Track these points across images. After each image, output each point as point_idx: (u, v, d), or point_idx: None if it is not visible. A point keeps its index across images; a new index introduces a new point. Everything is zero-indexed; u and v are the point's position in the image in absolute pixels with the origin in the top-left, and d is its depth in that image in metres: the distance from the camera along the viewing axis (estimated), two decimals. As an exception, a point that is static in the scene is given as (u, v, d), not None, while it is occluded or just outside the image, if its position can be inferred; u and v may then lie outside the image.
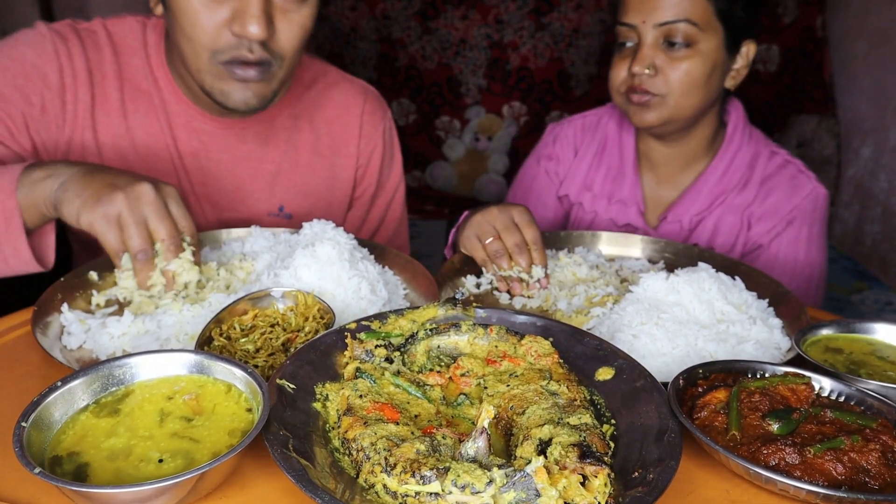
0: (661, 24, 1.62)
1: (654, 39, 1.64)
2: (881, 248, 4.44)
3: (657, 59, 1.65)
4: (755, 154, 1.84)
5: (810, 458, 0.86)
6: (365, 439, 0.81)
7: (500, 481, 0.74)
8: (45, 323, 1.16)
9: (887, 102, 4.41)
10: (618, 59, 1.73)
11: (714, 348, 1.16)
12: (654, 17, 1.63)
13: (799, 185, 1.80)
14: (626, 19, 1.67)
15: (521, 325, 1.09)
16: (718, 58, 1.66)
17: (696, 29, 1.61)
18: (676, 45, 1.63)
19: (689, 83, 1.65)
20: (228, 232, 1.51)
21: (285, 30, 1.38)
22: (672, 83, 1.65)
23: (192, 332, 1.15)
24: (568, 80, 5.36)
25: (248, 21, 1.31)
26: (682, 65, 1.64)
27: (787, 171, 1.82)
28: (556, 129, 2.06)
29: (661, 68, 1.65)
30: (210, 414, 0.87)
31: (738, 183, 1.81)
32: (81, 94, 1.50)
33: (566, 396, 0.92)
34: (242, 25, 1.31)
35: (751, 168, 1.82)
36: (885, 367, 1.12)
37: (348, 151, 1.76)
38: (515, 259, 1.43)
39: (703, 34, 1.62)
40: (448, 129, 5.50)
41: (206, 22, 1.33)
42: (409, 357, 1.02)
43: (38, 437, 0.80)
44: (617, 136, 1.94)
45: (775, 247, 1.79)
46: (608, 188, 1.92)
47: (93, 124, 1.52)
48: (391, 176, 1.87)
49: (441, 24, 5.32)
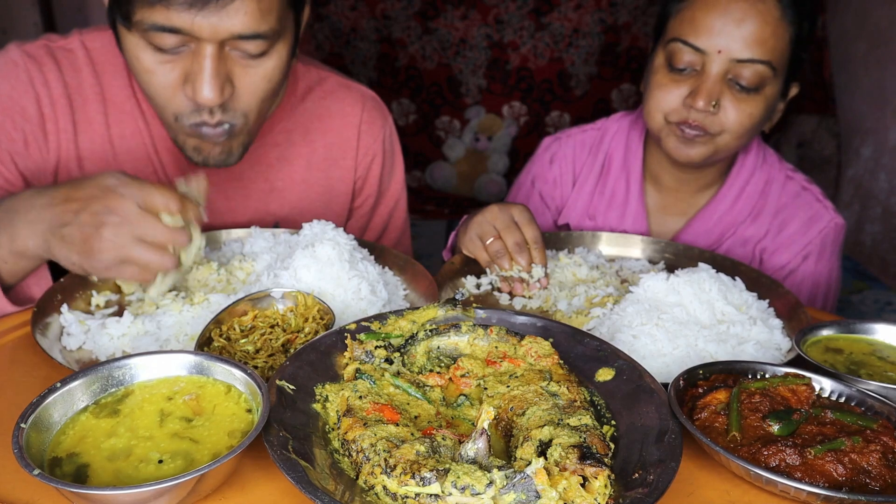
0: (739, 60, 1.45)
1: (723, 73, 1.48)
2: (881, 248, 4.44)
3: (722, 95, 1.49)
4: (768, 180, 1.71)
5: (811, 460, 0.86)
6: (365, 440, 0.81)
7: (500, 483, 0.73)
8: (44, 324, 1.16)
9: (887, 102, 4.41)
10: (668, 81, 1.54)
11: (714, 349, 1.16)
12: (734, 49, 1.45)
13: (815, 218, 1.68)
14: (694, 41, 1.48)
15: (521, 326, 1.09)
16: (775, 101, 1.56)
17: (771, 73, 1.47)
18: (745, 87, 1.48)
19: (748, 126, 1.52)
20: (228, 232, 1.51)
21: (246, 86, 1.27)
22: (730, 124, 1.51)
23: (192, 332, 1.15)
24: (568, 80, 5.36)
25: (200, 86, 1.21)
26: (745, 107, 1.49)
27: (804, 201, 1.70)
28: (553, 146, 1.90)
29: (724, 106, 1.49)
30: (210, 414, 0.87)
31: (750, 213, 1.69)
32: (62, 123, 1.43)
33: (566, 397, 0.92)
34: (195, 91, 1.22)
35: (763, 196, 1.70)
36: (886, 367, 1.11)
37: (345, 163, 1.69)
38: (515, 259, 1.40)
39: (774, 79, 1.49)
40: (448, 129, 5.50)
41: (159, 82, 1.24)
42: (408, 358, 1.02)
43: (37, 439, 0.80)
44: (622, 157, 1.79)
45: (790, 282, 1.69)
46: (612, 218, 1.79)
47: (77, 151, 1.45)
48: (392, 184, 1.80)
49: (441, 24, 5.31)
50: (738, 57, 1.45)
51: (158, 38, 1.19)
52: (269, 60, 1.28)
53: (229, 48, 1.23)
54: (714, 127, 1.52)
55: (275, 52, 1.28)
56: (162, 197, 1.12)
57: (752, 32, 1.44)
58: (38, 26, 4.10)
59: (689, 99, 1.51)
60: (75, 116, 1.44)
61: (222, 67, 1.22)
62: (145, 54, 1.22)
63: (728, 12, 1.45)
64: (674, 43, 1.52)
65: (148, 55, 1.22)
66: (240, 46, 1.22)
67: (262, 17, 1.20)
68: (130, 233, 1.10)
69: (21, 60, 1.41)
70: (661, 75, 1.56)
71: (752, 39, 1.44)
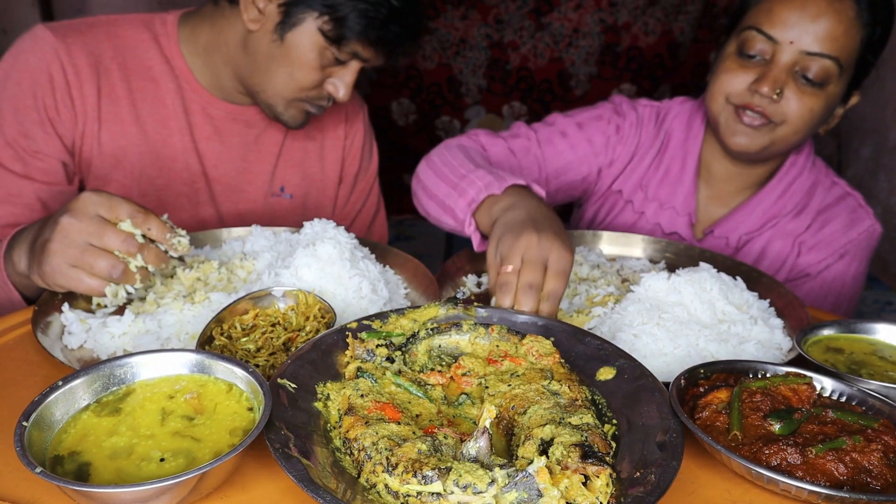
0: (808, 53, 1.49)
1: (791, 64, 1.51)
2: (881, 248, 4.45)
3: (787, 85, 1.51)
4: (815, 182, 1.75)
5: (812, 459, 0.86)
6: (366, 439, 0.81)
7: (501, 481, 0.73)
8: (45, 322, 1.16)
9: (887, 102, 4.41)
10: (737, 66, 1.58)
11: (715, 348, 1.16)
12: (805, 41, 1.48)
13: (857, 220, 1.72)
14: (769, 30, 1.52)
15: (523, 325, 1.09)
16: (836, 102, 1.57)
17: (837, 70, 1.50)
18: (811, 80, 1.50)
19: (808, 121, 1.54)
20: (229, 231, 1.51)
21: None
22: (791, 115, 1.53)
23: (193, 331, 1.15)
24: (568, 79, 5.36)
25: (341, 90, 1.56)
26: (808, 101, 1.52)
27: (847, 204, 1.75)
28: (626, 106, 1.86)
29: (787, 97, 1.52)
30: (211, 413, 0.87)
31: (794, 208, 1.72)
32: (87, 89, 1.55)
33: (567, 396, 0.92)
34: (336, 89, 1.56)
35: (809, 195, 1.74)
36: (886, 367, 1.12)
37: (336, 133, 1.87)
38: (518, 298, 1.18)
39: (839, 77, 1.52)
40: (448, 129, 5.49)
41: (308, 77, 1.52)
42: (410, 356, 1.02)
43: (39, 437, 0.80)
44: (682, 139, 1.81)
45: (822, 278, 1.71)
46: (663, 193, 1.81)
47: (98, 115, 1.57)
48: (372, 161, 1.98)
49: (441, 24, 5.31)
50: (808, 49, 1.49)
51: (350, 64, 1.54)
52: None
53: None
54: (776, 115, 1.54)
55: None
56: (128, 207, 1.16)
57: (825, 28, 1.48)
58: (39, 26, 4.09)
59: (754, 84, 1.54)
60: (100, 82, 1.56)
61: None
62: (313, 54, 1.50)
63: (806, 6, 1.49)
64: (748, 31, 1.56)
65: (314, 56, 1.50)
66: None
67: None
68: (82, 238, 1.12)
69: (46, 35, 1.53)
70: (730, 61, 1.60)
71: (824, 34, 1.48)
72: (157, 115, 1.62)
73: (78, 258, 1.12)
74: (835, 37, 1.48)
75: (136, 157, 1.61)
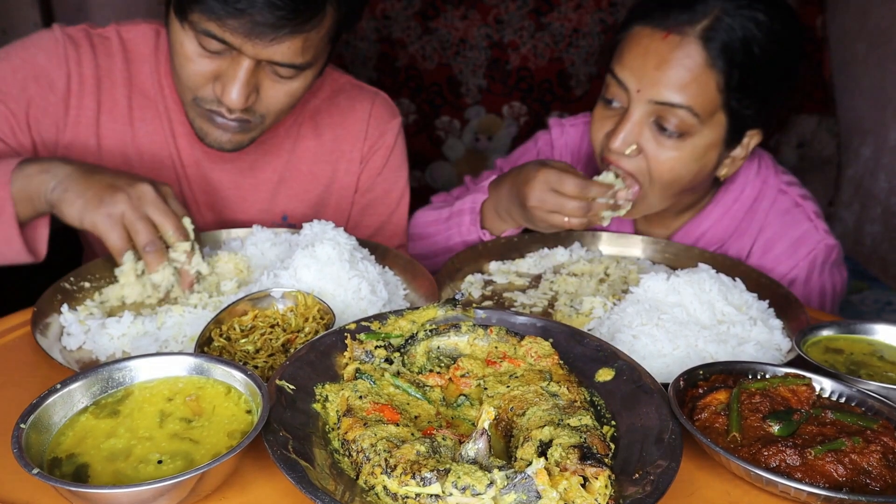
0: (657, 103, 1.39)
1: (645, 115, 1.41)
2: (881, 248, 4.44)
3: (642, 136, 1.42)
4: (758, 197, 1.62)
5: (811, 460, 0.86)
6: (365, 440, 0.81)
7: (500, 483, 0.73)
8: (44, 324, 1.16)
9: (887, 102, 4.40)
10: (599, 114, 1.51)
11: (714, 349, 1.16)
12: (652, 91, 1.39)
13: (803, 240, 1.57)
14: (619, 74, 1.44)
15: (521, 326, 1.09)
16: (713, 151, 1.45)
17: (695, 120, 1.39)
18: (668, 132, 1.41)
19: (677, 173, 1.44)
20: (228, 232, 1.51)
21: (271, 96, 1.37)
22: (654, 172, 1.44)
23: (192, 333, 1.15)
24: (568, 80, 5.36)
25: (230, 90, 1.30)
26: (671, 153, 1.42)
27: (792, 219, 1.60)
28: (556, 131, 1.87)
29: (646, 150, 1.43)
30: (210, 415, 0.87)
31: (735, 231, 1.62)
32: (87, 101, 1.52)
33: (566, 398, 0.92)
34: (224, 92, 1.31)
35: (751, 213, 1.62)
36: (886, 367, 1.11)
37: (352, 156, 1.72)
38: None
39: (702, 127, 1.41)
40: (448, 129, 5.49)
41: (193, 69, 1.32)
42: (408, 358, 1.02)
43: (37, 439, 0.80)
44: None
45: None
46: None
47: (97, 130, 1.53)
48: (398, 179, 1.79)
49: (441, 24, 5.31)
50: (656, 99, 1.39)
51: (206, 41, 1.28)
52: (297, 81, 1.37)
53: (265, 63, 1.31)
54: (637, 169, 1.44)
55: (303, 76, 1.37)
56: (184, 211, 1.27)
57: (671, 76, 1.38)
58: (38, 26, 4.09)
59: (606, 138, 1.46)
60: (101, 97, 1.53)
61: (253, 79, 1.31)
62: (190, 45, 1.30)
63: (650, 53, 1.40)
64: (608, 73, 1.49)
65: (192, 46, 1.30)
66: (275, 68, 1.32)
67: (304, 53, 1.31)
68: (142, 206, 1.21)
69: (61, 38, 1.51)
70: (598, 106, 1.53)
71: (671, 83, 1.38)
72: (152, 138, 1.57)
73: (132, 219, 1.20)
74: (683, 85, 1.37)
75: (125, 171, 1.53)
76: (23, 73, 1.47)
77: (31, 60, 1.48)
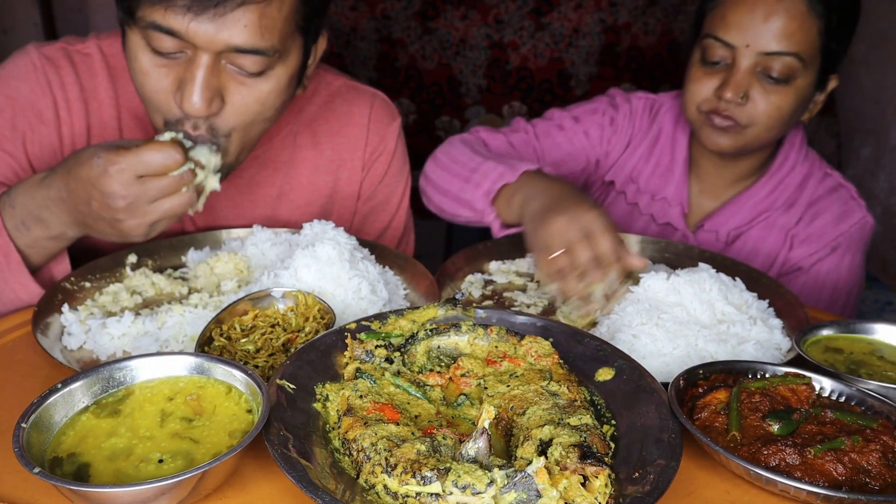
0: (766, 54, 1.52)
1: (752, 66, 1.54)
2: (881, 248, 4.44)
3: (751, 87, 1.55)
4: (807, 175, 1.77)
5: (811, 459, 0.86)
6: (365, 440, 0.81)
7: (500, 482, 0.74)
8: (45, 323, 1.16)
9: (887, 102, 4.40)
10: (702, 74, 1.62)
11: (714, 349, 1.16)
12: (761, 43, 1.52)
13: (848, 212, 1.73)
14: (724, 36, 1.56)
15: (521, 326, 1.09)
16: (809, 93, 1.60)
17: (800, 64, 1.53)
18: (775, 78, 1.54)
19: (777, 118, 1.58)
20: (228, 232, 1.51)
21: (237, 104, 1.23)
22: (759, 116, 1.57)
23: (193, 332, 1.15)
24: (568, 80, 5.36)
25: (188, 93, 1.18)
26: (775, 98, 1.55)
27: (838, 196, 1.75)
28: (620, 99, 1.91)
29: (753, 98, 1.56)
30: (211, 415, 0.87)
31: (785, 202, 1.75)
32: (76, 125, 1.45)
33: (566, 397, 0.92)
34: (183, 97, 1.19)
35: (800, 189, 1.76)
36: (886, 367, 1.12)
37: (353, 164, 1.65)
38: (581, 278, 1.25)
39: (804, 70, 1.54)
40: (448, 129, 5.49)
41: (153, 85, 1.23)
42: (409, 357, 1.02)
43: (38, 439, 0.80)
44: (671, 132, 1.84)
45: (815, 271, 1.72)
46: (654, 184, 1.84)
47: None
48: (399, 183, 1.75)
49: (441, 24, 5.31)
50: (765, 50, 1.52)
51: (157, 40, 1.18)
52: (265, 82, 1.24)
53: (226, 62, 1.20)
54: (743, 118, 1.57)
55: (273, 74, 1.25)
56: (158, 155, 1.14)
57: (778, 27, 1.51)
58: (38, 26, 4.09)
59: (719, 90, 1.58)
60: (90, 120, 1.46)
61: (214, 80, 1.20)
62: (144, 55, 1.21)
63: (755, 9, 1.53)
64: (707, 39, 1.60)
65: (146, 56, 1.21)
66: (236, 61, 1.20)
67: (263, 32, 1.18)
68: (144, 201, 1.15)
69: (40, 63, 1.43)
70: (695, 69, 1.64)
71: (778, 33, 1.51)
72: None
73: (155, 218, 1.18)
74: (789, 33, 1.51)
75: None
76: (10, 111, 1.40)
77: (14, 95, 1.41)
